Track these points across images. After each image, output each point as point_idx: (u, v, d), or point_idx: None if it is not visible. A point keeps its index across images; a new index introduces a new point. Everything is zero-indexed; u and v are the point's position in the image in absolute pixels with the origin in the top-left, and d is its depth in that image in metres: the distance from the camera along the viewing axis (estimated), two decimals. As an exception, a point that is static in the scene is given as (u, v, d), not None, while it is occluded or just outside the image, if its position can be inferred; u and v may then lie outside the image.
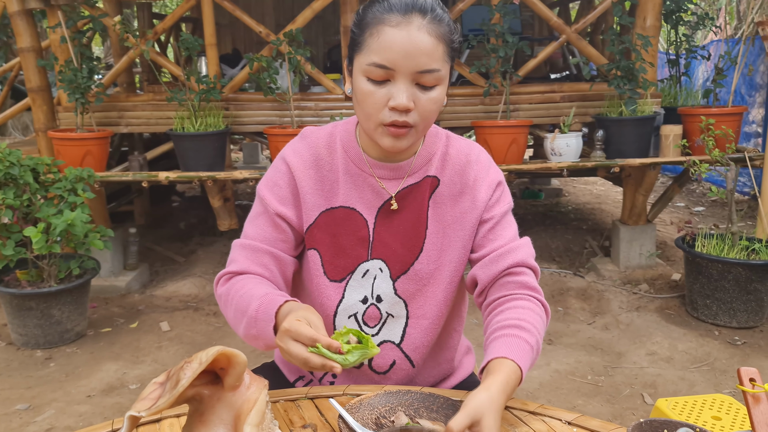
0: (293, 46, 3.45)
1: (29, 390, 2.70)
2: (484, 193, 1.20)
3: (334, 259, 1.19)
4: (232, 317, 1.12)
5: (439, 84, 1.08)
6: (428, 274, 1.20)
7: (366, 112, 1.09)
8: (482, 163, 1.22)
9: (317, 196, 1.19)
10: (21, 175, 2.97)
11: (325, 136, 1.22)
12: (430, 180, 1.20)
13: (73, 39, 3.48)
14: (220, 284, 1.18)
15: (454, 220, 1.20)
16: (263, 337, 1.05)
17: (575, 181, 6.69)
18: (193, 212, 5.51)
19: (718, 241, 3.26)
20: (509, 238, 1.20)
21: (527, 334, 1.09)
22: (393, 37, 1.03)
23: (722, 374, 2.76)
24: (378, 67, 1.04)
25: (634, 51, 3.45)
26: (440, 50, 1.05)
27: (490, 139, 3.48)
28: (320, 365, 0.92)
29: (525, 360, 1.06)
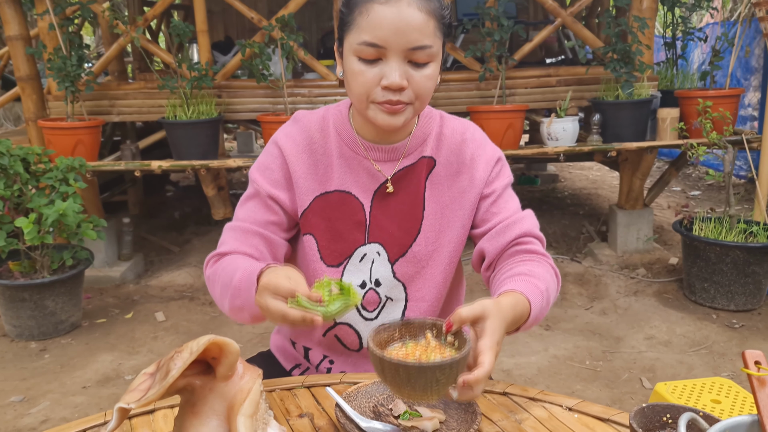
0: (286, 32, 3.40)
1: (24, 382, 2.68)
2: (482, 170, 1.18)
3: (330, 244, 1.17)
4: (219, 294, 1.09)
5: (432, 61, 1.05)
6: (426, 255, 1.18)
7: (358, 92, 1.06)
8: (478, 140, 1.20)
9: (311, 180, 1.16)
10: (11, 165, 2.93)
11: (317, 120, 1.19)
12: (426, 161, 1.18)
13: (61, 26, 3.42)
14: (208, 266, 1.15)
15: (452, 200, 1.18)
16: (248, 306, 1.00)
17: (571, 166, 6.67)
18: (187, 201, 5.48)
19: (715, 225, 3.25)
20: (513, 210, 1.19)
21: (536, 280, 1.07)
22: (383, 14, 1.01)
23: (720, 357, 2.76)
24: (369, 46, 1.02)
25: (630, 33, 3.41)
26: (431, 25, 1.03)
27: (486, 124, 3.44)
28: (300, 318, 0.87)
29: (534, 297, 1.03)
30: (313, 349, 1.27)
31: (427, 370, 0.81)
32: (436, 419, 1.00)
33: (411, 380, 0.82)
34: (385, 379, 0.86)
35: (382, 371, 0.86)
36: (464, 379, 0.85)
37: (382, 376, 0.86)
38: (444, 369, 0.82)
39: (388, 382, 0.86)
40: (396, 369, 0.82)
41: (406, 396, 0.86)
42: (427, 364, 0.82)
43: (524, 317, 1.02)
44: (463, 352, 0.85)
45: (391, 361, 0.83)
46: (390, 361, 0.83)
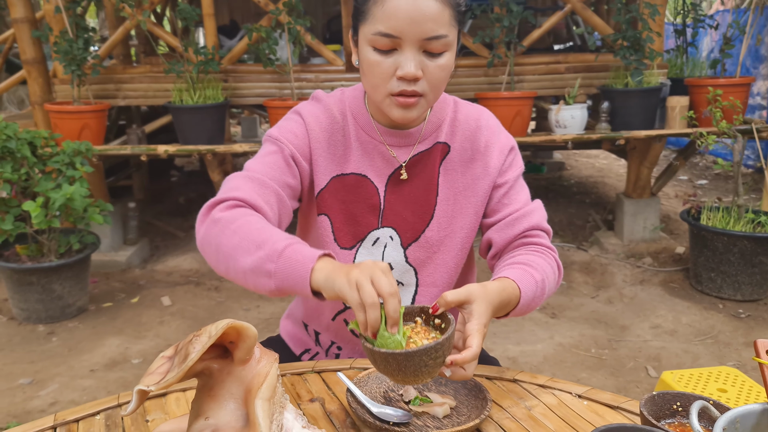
0: (293, 16, 3.38)
1: (32, 365, 2.70)
2: (496, 159, 1.18)
3: (344, 226, 1.17)
4: (235, 244, 0.99)
5: (447, 50, 1.04)
6: (439, 241, 1.19)
7: (373, 82, 1.06)
8: (492, 128, 1.20)
9: (329, 160, 1.16)
10: (18, 149, 2.93)
11: (336, 102, 1.19)
12: (440, 146, 1.18)
13: (67, 9, 3.40)
14: (219, 209, 1.05)
15: (466, 186, 1.18)
16: (284, 275, 0.94)
17: (577, 154, 6.64)
18: (192, 187, 5.48)
19: (723, 214, 3.24)
20: (523, 202, 1.19)
21: (533, 270, 1.09)
22: (398, 4, 1.00)
23: (726, 347, 2.76)
24: (384, 36, 1.01)
25: (640, 20, 3.38)
26: (447, 15, 1.02)
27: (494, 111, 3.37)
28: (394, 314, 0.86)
29: (525, 285, 1.06)
30: (323, 333, 1.28)
31: (414, 356, 0.85)
32: (447, 405, 1.00)
33: (401, 367, 0.86)
34: (379, 368, 0.89)
35: (374, 362, 0.89)
36: (452, 359, 0.89)
37: (376, 366, 0.90)
38: (430, 352, 0.86)
39: (382, 371, 0.89)
40: (386, 359, 0.86)
41: (401, 381, 0.90)
42: (413, 351, 0.85)
43: (513, 303, 1.04)
44: (446, 334, 0.88)
45: (380, 352, 0.86)
46: (380, 352, 0.86)
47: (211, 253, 1.03)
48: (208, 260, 1.05)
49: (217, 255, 1.02)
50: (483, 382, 1.08)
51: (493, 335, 2.89)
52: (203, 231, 1.05)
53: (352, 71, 3.67)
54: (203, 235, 1.05)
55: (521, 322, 3.01)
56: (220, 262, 1.02)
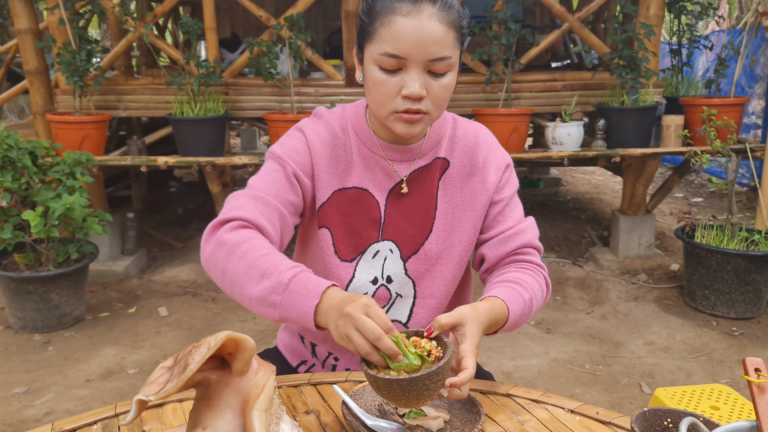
0: (294, 31, 3.42)
1: (28, 374, 2.70)
2: (493, 175, 1.22)
3: (345, 239, 1.19)
4: (241, 271, 1.02)
5: (450, 70, 1.08)
6: (437, 254, 1.22)
7: (378, 100, 1.09)
8: (490, 144, 1.24)
9: (330, 175, 1.18)
10: (19, 158, 2.95)
11: (337, 118, 1.22)
12: (440, 162, 1.22)
13: (71, 21, 3.44)
14: (225, 229, 1.08)
15: (464, 201, 1.22)
16: (289, 308, 0.98)
17: (574, 170, 6.68)
18: (190, 198, 5.50)
19: (717, 232, 3.27)
20: (517, 220, 1.23)
21: (522, 289, 1.13)
22: (404, 27, 1.03)
23: (720, 364, 2.78)
24: (390, 57, 1.05)
25: (636, 40, 3.43)
26: (451, 37, 1.06)
27: (491, 127, 3.42)
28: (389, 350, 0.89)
29: (513, 304, 1.10)
30: (319, 345, 1.29)
31: (418, 381, 0.89)
32: (441, 419, 1.02)
33: (405, 392, 0.90)
34: (382, 394, 0.93)
35: (378, 388, 0.92)
36: (451, 382, 0.93)
37: (379, 392, 0.93)
38: (432, 377, 0.90)
39: (386, 397, 0.93)
40: (390, 385, 0.90)
41: (402, 405, 0.94)
42: (416, 376, 0.89)
43: (501, 321, 1.09)
44: (444, 359, 0.92)
45: (384, 379, 0.90)
46: (384, 379, 0.90)
47: (217, 275, 1.07)
48: (214, 279, 1.09)
49: (223, 278, 1.06)
50: (477, 396, 1.10)
51: (488, 350, 2.90)
52: (208, 251, 1.08)
53: (352, 86, 3.70)
54: (208, 256, 1.08)
55: (516, 336, 3.02)
56: (225, 285, 1.06)
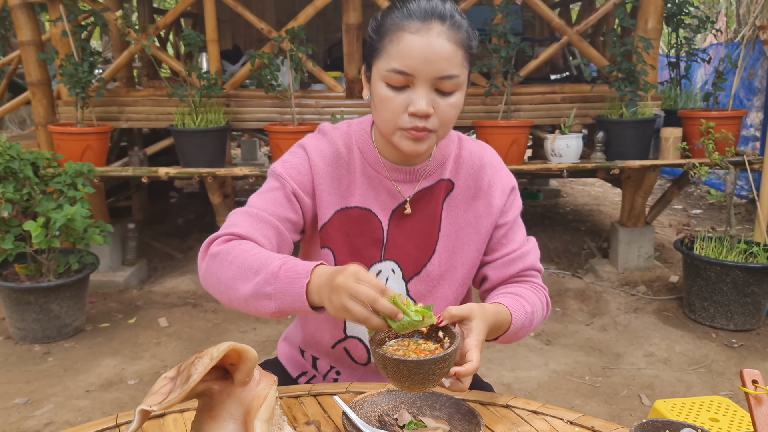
0: (295, 43, 3.44)
1: (28, 384, 2.70)
2: (498, 198, 1.22)
3: (347, 259, 1.18)
4: (233, 274, 1.03)
5: (457, 90, 1.08)
6: (439, 275, 1.21)
7: (385, 117, 1.09)
8: (495, 166, 1.24)
9: (333, 194, 1.18)
10: (21, 169, 2.97)
11: (342, 135, 1.21)
12: (444, 183, 1.21)
13: (74, 33, 3.47)
14: (216, 243, 1.09)
15: (468, 223, 1.22)
16: (283, 295, 0.98)
17: (573, 182, 6.70)
18: (191, 208, 5.51)
19: (716, 244, 3.27)
20: (520, 242, 1.24)
21: (524, 302, 1.15)
22: (413, 44, 1.04)
23: (719, 376, 2.78)
24: (398, 74, 1.05)
25: (635, 53, 3.46)
26: (459, 56, 1.06)
27: (491, 139, 3.48)
28: (389, 311, 0.88)
29: (517, 313, 1.12)
30: (321, 359, 1.29)
31: (425, 365, 0.90)
32: (441, 429, 1.02)
33: (411, 374, 0.91)
34: (388, 374, 0.94)
35: (384, 368, 0.93)
36: (455, 371, 0.95)
37: (385, 372, 0.94)
38: (438, 362, 0.91)
39: (390, 377, 0.94)
40: (397, 365, 0.91)
41: (406, 388, 0.94)
42: (424, 360, 0.90)
43: (504, 328, 1.10)
44: (453, 346, 0.94)
45: (393, 359, 0.91)
46: (392, 359, 0.91)
47: (213, 286, 1.08)
48: (213, 294, 1.09)
49: (219, 287, 1.06)
50: (476, 407, 1.10)
51: (488, 361, 2.90)
52: (204, 267, 1.09)
53: (353, 97, 3.73)
54: (204, 271, 1.09)
55: (516, 348, 3.02)
56: (222, 293, 1.06)
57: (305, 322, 1.30)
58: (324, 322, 1.25)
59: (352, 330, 1.24)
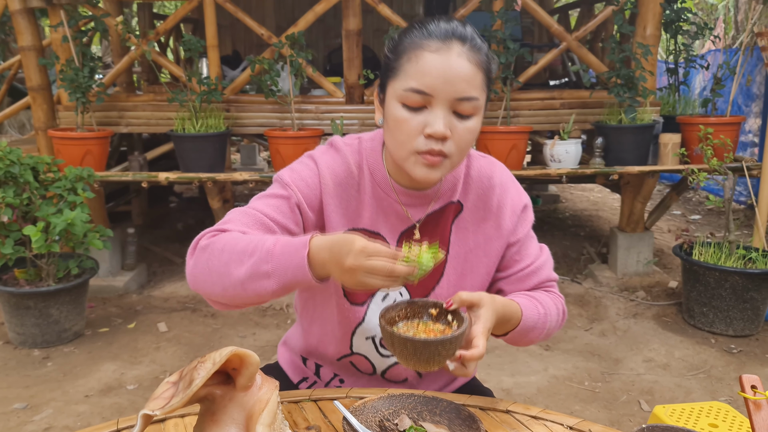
0: (295, 49, 3.46)
1: (27, 389, 2.69)
2: (508, 219, 1.18)
3: None
4: (226, 260, 0.99)
5: (475, 114, 1.04)
6: (448, 298, 1.16)
7: (399, 139, 1.04)
8: (505, 186, 1.20)
9: (341, 215, 1.15)
10: (21, 174, 2.97)
11: (354, 153, 1.17)
12: (453, 205, 1.18)
13: (74, 38, 3.48)
14: (206, 237, 1.05)
15: (477, 245, 1.19)
16: (282, 270, 0.95)
17: (573, 187, 6.72)
18: (190, 213, 5.51)
19: (715, 250, 3.28)
20: (534, 255, 1.21)
21: (538, 303, 1.15)
22: (432, 62, 1.00)
23: (718, 382, 2.78)
24: (415, 93, 1.01)
25: (634, 59, 3.47)
26: (479, 78, 1.03)
27: (491, 144, 3.49)
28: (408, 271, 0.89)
29: (528, 312, 1.11)
30: (325, 367, 1.29)
31: (431, 345, 0.93)
32: (441, 435, 1.02)
33: (417, 353, 0.94)
34: (395, 351, 0.96)
35: (392, 345, 0.96)
36: (461, 354, 0.96)
37: (392, 349, 0.97)
38: (445, 344, 0.94)
39: (398, 354, 0.96)
40: (404, 343, 0.94)
41: (412, 366, 0.97)
42: (431, 340, 0.93)
43: (513, 323, 1.10)
44: (461, 329, 0.96)
45: (400, 336, 0.94)
46: (400, 336, 0.94)
47: (203, 279, 1.02)
48: (203, 289, 1.04)
49: (210, 277, 1.01)
50: (476, 412, 1.11)
51: (488, 366, 2.90)
52: (192, 262, 1.05)
53: (352, 103, 3.74)
54: (193, 265, 1.04)
55: (515, 353, 3.02)
56: (215, 284, 1.01)
57: (308, 333, 1.28)
58: (329, 336, 1.23)
59: (359, 348, 1.22)
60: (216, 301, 1.05)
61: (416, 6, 7.24)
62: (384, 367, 1.24)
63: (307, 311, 1.27)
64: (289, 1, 6.94)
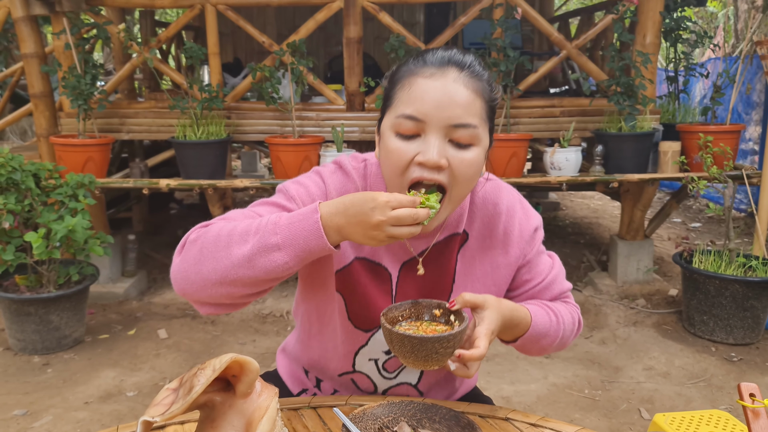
0: (296, 56, 3.47)
1: (27, 396, 2.69)
2: (516, 246, 1.14)
3: (359, 310, 1.13)
4: (224, 243, 0.93)
5: (474, 144, 0.98)
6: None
7: (393, 170, 0.99)
8: (511, 211, 1.14)
9: (347, 242, 1.09)
10: (23, 181, 2.98)
11: (361, 177, 1.11)
12: (459, 235, 1.13)
13: (77, 46, 3.50)
14: (195, 231, 1.00)
15: (485, 274, 1.15)
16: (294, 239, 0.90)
17: (573, 195, 6.72)
18: (191, 220, 5.50)
19: (715, 258, 3.28)
20: (546, 271, 1.18)
21: (550, 311, 1.13)
22: (426, 88, 0.96)
23: (719, 390, 2.77)
24: (407, 119, 0.96)
25: (633, 68, 3.49)
26: (477, 106, 0.97)
27: (491, 152, 3.46)
28: (427, 214, 0.90)
29: (538, 317, 1.09)
30: (326, 381, 1.28)
31: (428, 342, 0.94)
32: (440, 442, 1.02)
33: (414, 350, 0.94)
34: (394, 348, 0.97)
35: (391, 342, 0.97)
36: (459, 353, 0.95)
37: (391, 346, 0.97)
38: (442, 341, 0.94)
39: (396, 352, 0.97)
40: (402, 340, 0.95)
41: (410, 364, 0.97)
42: (427, 337, 0.94)
43: (522, 328, 1.08)
44: (459, 328, 0.96)
45: (398, 333, 0.95)
46: (397, 333, 0.95)
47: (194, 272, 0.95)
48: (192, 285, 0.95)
49: (203, 266, 0.93)
50: (476, 420, 1.11)
51: (488, 374, 2.90)
52: (179, 259, 0.98)
53: (353, 110, 3.75)
54: (180, 262, 0.97)
55: (515, 361, 3.02)
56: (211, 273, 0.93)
57: (308, 346, 1.26)
58: (331, 352, 1.21)
59: (362, 367, 1.21)
60: (206, 301, 0.97)
61: (417, 14, 7.28)
62: (386, 387, 1.23)
63: (308, 325, 1.25)
64: (290, 9, 6.97)
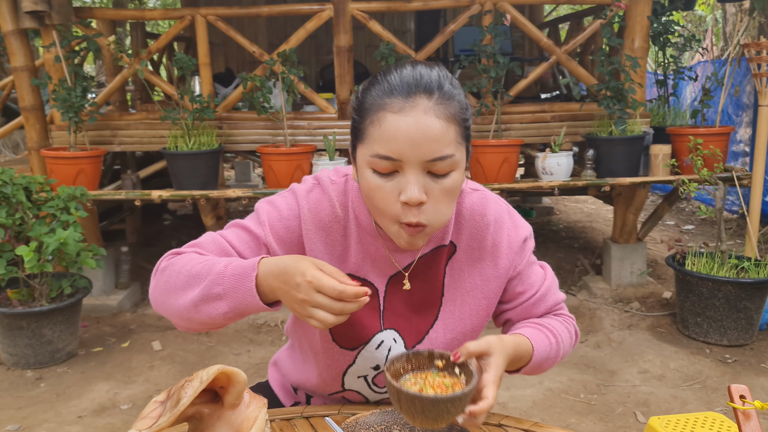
0: (287, 66, 3.48)
1: (19, 410, 2.67)
2: (505, 258, 1.12)
3: (345, 329, 1.10)
4: (182, 283, 0.98)
5: (454, 170, 0.96)
6: (444, 343, 1.14)
7: (378, 207, 0.98)
8: (500, 222, 1.12)
9: (326, 258, 1.09)
10: (14, 194, 2.97)
11: (340, 194, 1.09)
12: (446, 247, 1.11)
13: (67, 58, 3.50)
14: (166, 259, 1.04)
15: (474, 287, 1.13)
16: (233, 292, 0.92)
17: (566, 199, 6.74)
18: (184, 231, 5.50)
19: (707, 260, 3.29)
20: (539, 283, 1.16)
21: (549, 333, 1.11)
22: (397, 125, 0.92)
23: (714, 392, 2.78)
24: (383, 159, 0.94)
25: (623, 72, 3.51)
26: (452, 133, 0.94)
27: (483, 158, 3.51)
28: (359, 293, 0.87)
29: (539, 344, 1.08)
30: (316, 398, 1.27)
31: (440, 403, 0.89)
32: (433, 450, 1.02)
33: (425, 411, 0.89)
34: (401, 408, 0.92)
35: (398, 402, 0.92)
36: (470, 410, 0.91)
37: (398, 406, 0.92)
38: (455, 401, 0.90)
39: (404, 412, 0.92)
40: (412, 400, 0.89)
41: (419, 424, 0.92)
42: (440, 397, 0.89)
43: (525, 359, 1.06)
44: (471, 385, 0.92)
45: (408, 393, 0.89)
46: (407, 393, 0.89)
47: (161, 301, 1.02)
48: (163, 311, 1.02)
49: (168, 298, 1.00)
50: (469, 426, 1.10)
51: (483, 380, 2.89)
52: (153, 284, 1.04)
53: (344, 119, 3.76)
54: (153, 288, 1.04)
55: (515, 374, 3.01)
56: (173, 305, 0.99)
57: (298, 369, 1.25)
58: (316, 379, 1.20)
59: (351, 385, 1.19)
60: (177, 323, 1.03)
61: (407, 22, 7.31)
62: (378, 399, 1.22)
63: (298, 348, 1.24)
64: (281, 19, 6.99)
